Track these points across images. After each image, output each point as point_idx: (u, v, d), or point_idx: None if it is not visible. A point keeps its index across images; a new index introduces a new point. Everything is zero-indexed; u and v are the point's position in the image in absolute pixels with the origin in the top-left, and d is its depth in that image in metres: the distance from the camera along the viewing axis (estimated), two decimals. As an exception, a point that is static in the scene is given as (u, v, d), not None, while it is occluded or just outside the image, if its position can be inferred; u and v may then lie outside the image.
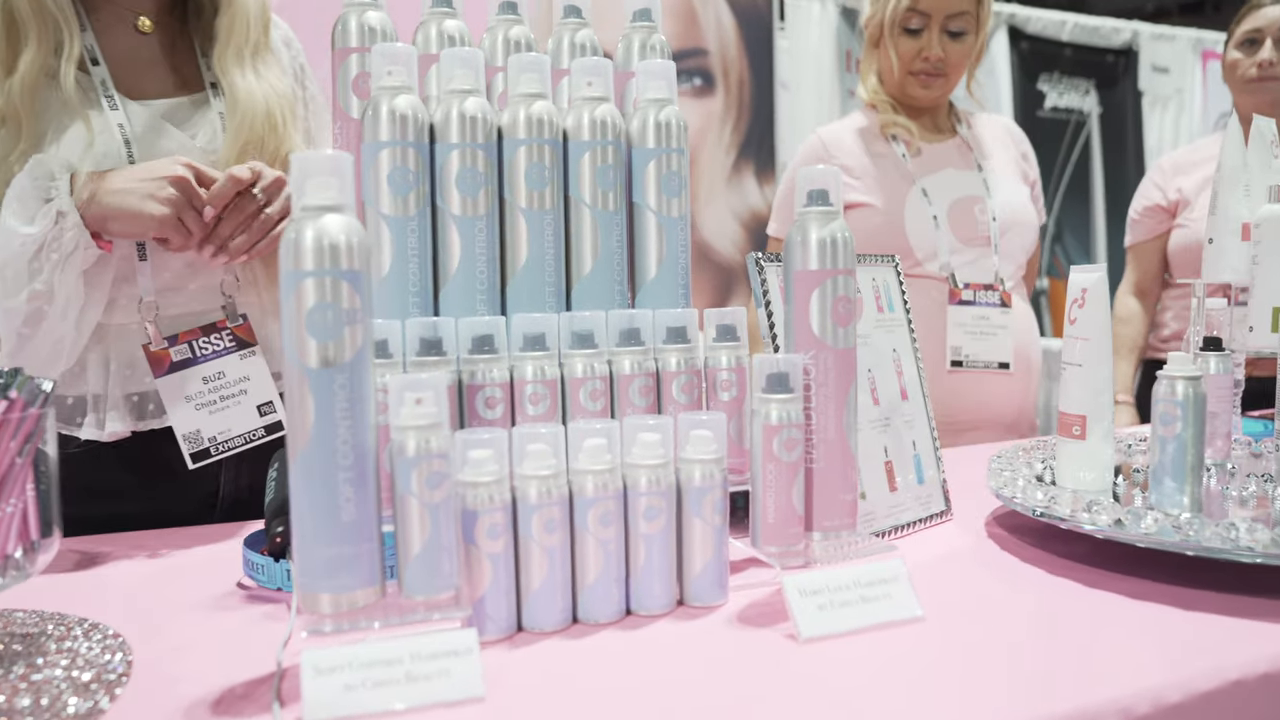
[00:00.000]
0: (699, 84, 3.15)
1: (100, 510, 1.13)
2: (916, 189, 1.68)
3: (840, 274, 0.79)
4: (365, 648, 0.63)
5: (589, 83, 0.88)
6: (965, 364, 1.65)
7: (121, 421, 1.13)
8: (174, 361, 1.11)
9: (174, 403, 1.11)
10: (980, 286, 1.66)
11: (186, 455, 1.11)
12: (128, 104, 1.11)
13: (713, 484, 0.77)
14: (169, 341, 1.11)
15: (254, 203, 1.05)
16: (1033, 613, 0.78)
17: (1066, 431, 0.97)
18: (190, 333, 1.13)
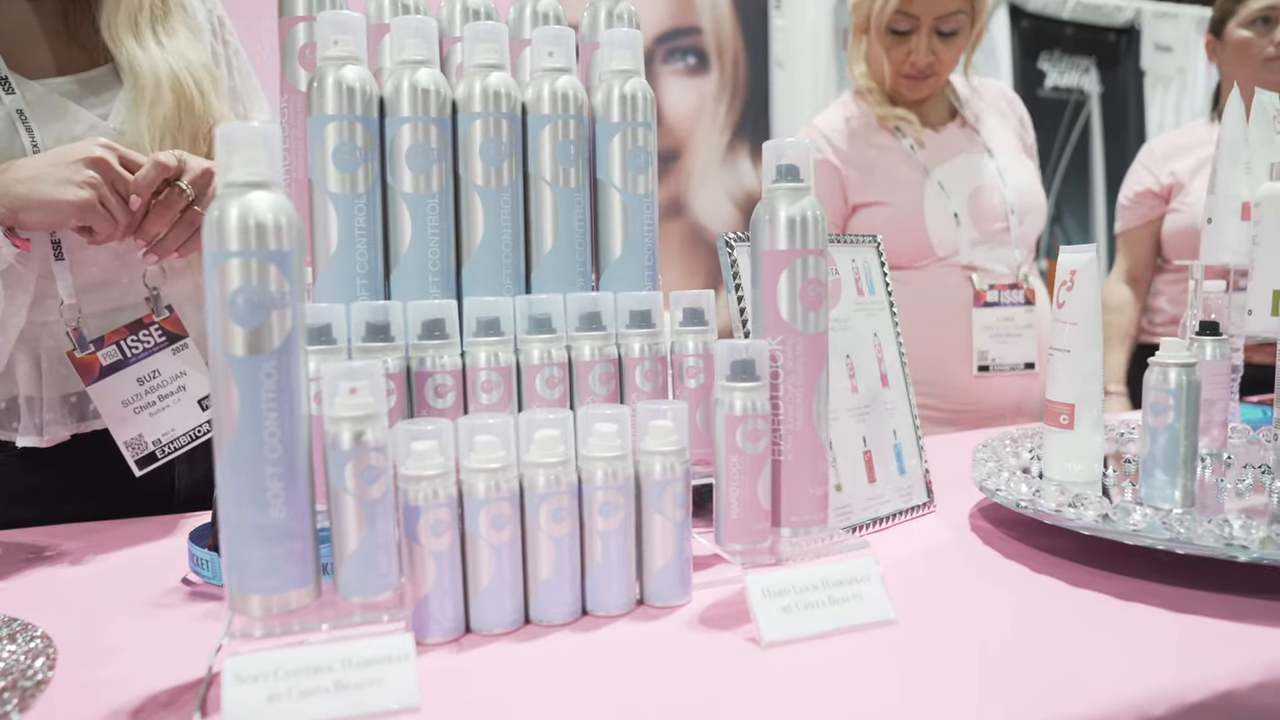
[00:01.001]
0: (693, 63, 3.09)
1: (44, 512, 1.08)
2: (932, 183, 1.62)
3: (811, 254, 0.74)
4: (293, 654, 0.59)
5: (550, 53, 0.83)
6: (992, 368, 1.61)
7: (62, 425, 1.08)
8: (104, 366, 1.04)
9: (111, 410, 1.04)
10: (1005, 286, 1.61)
11: (132, 463, 1.04)
12: (24, 84, 1.02)
13: (674, 477, 0.73)
14: (95, 345, 1.04)
15: (182, 198, 0.97)
16: (1013, 614, 0.74)
17: (1054, 421, 0.92)
18: (117, 332, 1.06)
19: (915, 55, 1.58)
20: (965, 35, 1.60)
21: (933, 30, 1.56)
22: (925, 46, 1.57)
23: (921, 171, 1.63)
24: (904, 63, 1.60)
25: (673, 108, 3.07)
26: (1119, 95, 3.71)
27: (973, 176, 1.64)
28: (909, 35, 1.58)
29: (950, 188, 1.63)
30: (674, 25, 3.06)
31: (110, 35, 1.03)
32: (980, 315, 1.60)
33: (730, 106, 3.14)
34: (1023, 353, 1.61)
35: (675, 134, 3.08)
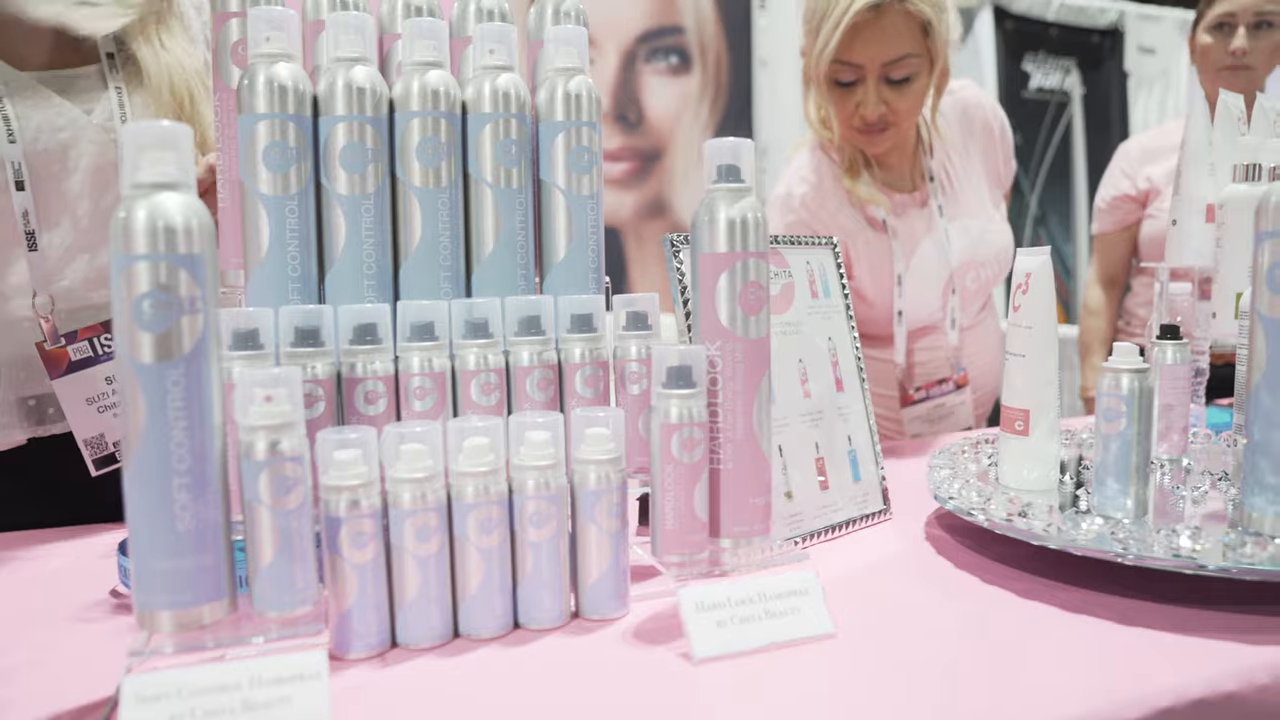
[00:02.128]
0: (675, 62, 3.07)
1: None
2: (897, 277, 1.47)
3: (751, 257, 0.72)
4: (197, 672, 0.57)
5: (491, 50, 0.81)
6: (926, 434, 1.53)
7: (19, 428, 1.06)
8: (73, 361, 1.03)
9: (74, 406, 1.02)
10: (933, 384, 1.52)
11: (89, 462, 1.03)
12: (10, 73, 1.02)
13: (609, 487, 0.71)
14: (67, 339, 1.03)
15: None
16: (958, 627, 0.72)
17: (1009, 427, 0.91)
18: (91, 328, 1.04)
19: (864, 108, 1.36)
20: (922, 79, 1.37)
21: (881, 79, 1.35)
22: (874, 98, 1.35)
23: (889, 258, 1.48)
24: (853, 116, 1.38)
25: (655, 107, 3.05)
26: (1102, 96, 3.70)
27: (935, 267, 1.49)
28: (854, 86, 1.36)
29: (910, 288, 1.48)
30: (656, 24, 3.04)
31: (125, 32, 1.05)
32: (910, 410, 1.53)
33: (713, 106, 3.13)
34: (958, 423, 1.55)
35: (658, 133, 3.06)
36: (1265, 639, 0.67)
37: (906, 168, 1.52)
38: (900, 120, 1.39)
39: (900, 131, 1.41)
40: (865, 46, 1.32)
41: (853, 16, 1.30)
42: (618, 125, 3.00)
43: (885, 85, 1.35)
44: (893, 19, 1.31)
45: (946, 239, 1.49)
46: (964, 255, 1.50)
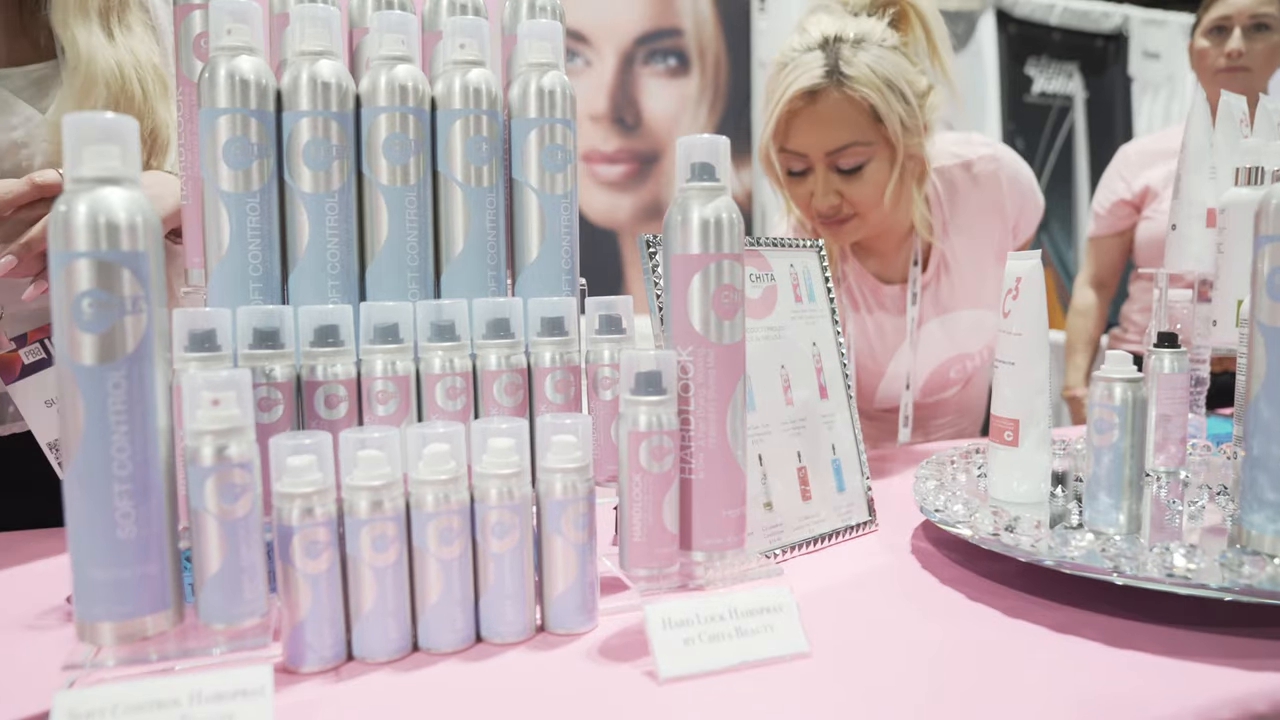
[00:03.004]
0: (674, 64, 3.05)
1: None
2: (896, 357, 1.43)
3: (725, 259, 0.70)
4: (135, 687, 0.55)
5: (462, 45, 0.78)
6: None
7: None
8: (25, 365, 1.00)
9: (32, 410, 0.99)
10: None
11: (56, 466, 1.01)
12: None
13: (575, 496, 0.68)
14: (17, 343, 1.00)
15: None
16: (939, 648, 0.69)
17: (998, 437, 0.88)
18: (41, 330, 1.01)
19: (815, 199, 1.25)
20: (879, 167, 1.23)
21: (830, 168, 1.22)
22: (824, 188, 1.23)
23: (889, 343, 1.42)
24: (809, 207, 1.27)
25: (653, 110, 3.03)
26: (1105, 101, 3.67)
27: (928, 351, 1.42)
28: (805, 175, 1.25)
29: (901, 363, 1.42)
30: (655, 26, 3.02)
31: (60, 21, 1.01)
32: None
33: (712, 108, 3.10)
34: None
35: (656, 136, 3.04)
36: (1264, 664, 0.64)
37: (898, 257, 1.39)
38: (862, 211, 1.25)
39: (867, 222, 1.27)
40: (804, 134, 1.21)
41: (786, 104, 1.20)
42: (616, 127, 2.98)
43: (836, 174, 1.23)
44: (831, 105, 1.19)
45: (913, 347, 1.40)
46: (950, 350, 1.42)
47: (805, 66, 1.20)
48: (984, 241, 1.39)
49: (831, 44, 1.21)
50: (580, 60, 2.91)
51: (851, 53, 1.19)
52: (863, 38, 1.21)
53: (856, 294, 1.40)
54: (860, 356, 1.41)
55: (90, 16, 1.01)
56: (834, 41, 1.21)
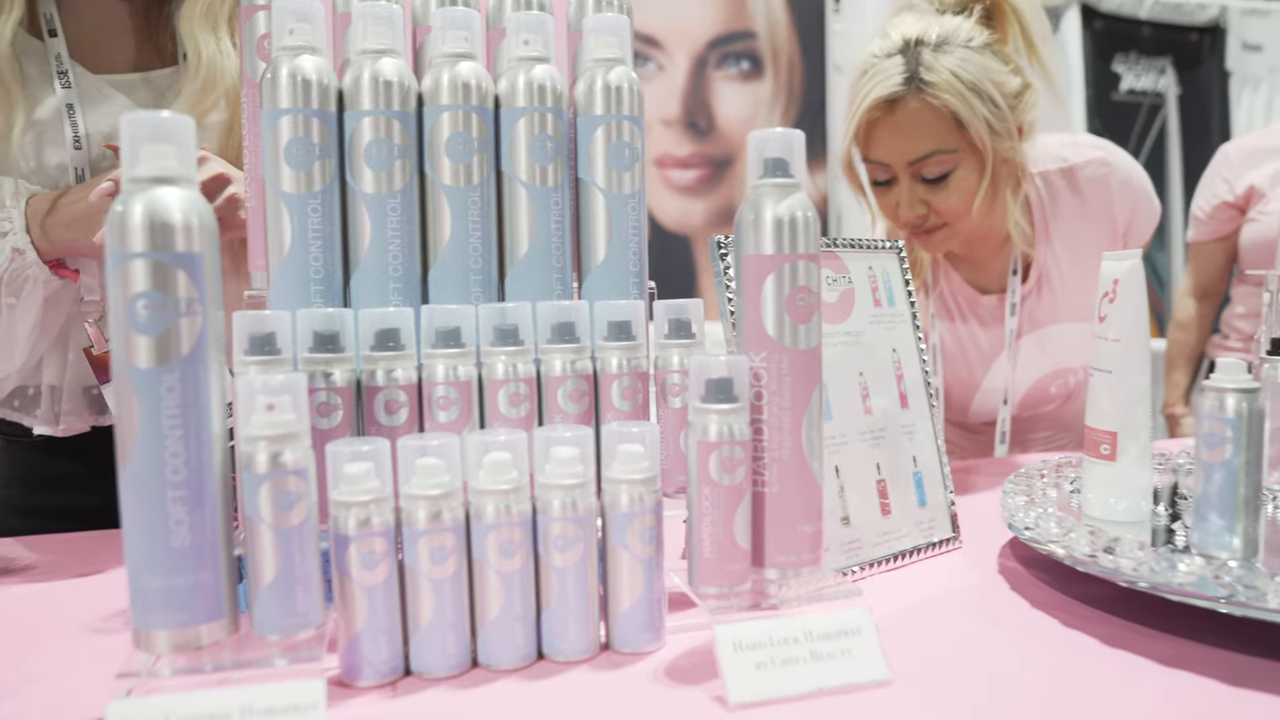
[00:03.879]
0: (746, 68, 3.01)
1: (62, 503, 1.09)
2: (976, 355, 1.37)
3: (800, 259, 0.66)
4: (186, 699, 0.53)
5: (526, 40, 0.76)
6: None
7: (78, 417, 1.08)
8: None
9: None
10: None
11: None
12: (84, 78, 1.03)
13: (642, 509, 0.65)
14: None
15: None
16: (1033, 679, 0.64)
17: (1094, 451, 0.82)
18: None
19: (900, 210, 1.21)
20: (967, 175, 1.18)
21: (914, 178, 1.19)
22: (909, 199, 1.19)
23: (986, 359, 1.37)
24: (895, 217, 1.23)
25: (726, 114, 2.99)
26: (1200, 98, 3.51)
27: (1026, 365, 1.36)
28: (890, 185, 1.21)
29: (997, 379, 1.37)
30: (728, 29, 2.98)
31: (186, 30, 1.04)
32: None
33: (785, 113, 3.05)
34: None
35: (728, 141, 3.00)
36: (1398, 704, 0.58)
37: (995, 265, 1.33)
38: (950, 220, 1.20)
39: (957, 232, 1.22)
40: (885, 144, 1.17)
41: (865, 113, 1.16)
42: (688, 132, 2.94)
43: (920, 184, 1.18)
44: (911, 113, 1.14)
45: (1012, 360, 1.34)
46: (1051, 364, 1.35)
47: (884, 73, 1.16)
48: (1090, 251, 1.29)
49: (912, 48, 1.15)
50: (652, 64, 2.89)
51: (933, 57, 1.14)
52: (946, 39, 1.15)
53: (951, 303, 1.35)
54: (954, 369, 1.36)
55: (219, 25, 1.04)
56: (914, 45, 1.15)
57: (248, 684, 0.55)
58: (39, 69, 1.01)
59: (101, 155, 1.02)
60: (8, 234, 0.95)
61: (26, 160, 1.00)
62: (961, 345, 1.35)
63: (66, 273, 0.99)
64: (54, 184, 1.01)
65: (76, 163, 1.01)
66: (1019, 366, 1.34)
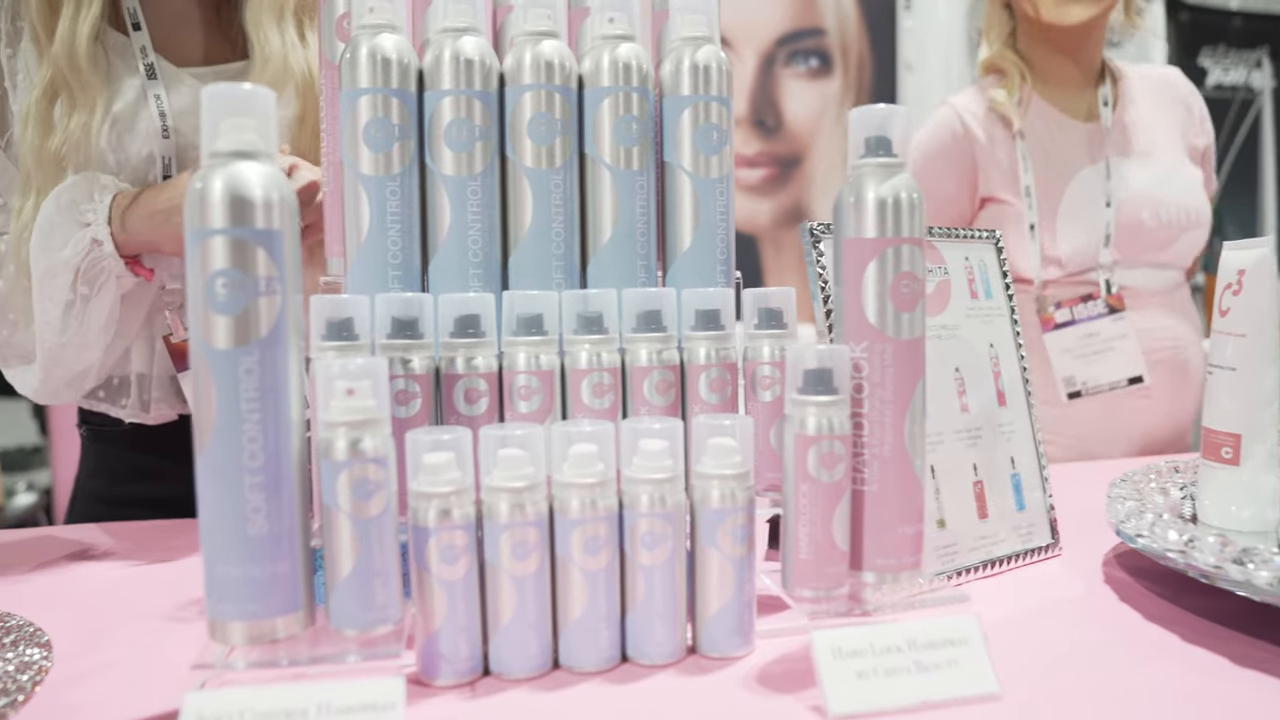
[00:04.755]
0: (815, 65, 2.95)
1: (146, 492, 1.11)
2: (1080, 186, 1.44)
3: (904, 243, 0.62)
4: (264, 693, 0.51)
5: (611, 19, 0.73)
6: (1085, 392, 1.42)
7: (168, 404, 1.08)
8: None
9: None
10: (1075, 301, 1.41)
11: None
12: (168, 71, 1.04)
13: (735, 506, 0.61)
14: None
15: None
16: (1154, 696, 0.59)
17: (1214, 454, 0.76)
18: None
19: None
20: None
21: None
22: None
23: (1068, 170, 1.44)
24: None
25: (794, 112, 2.94)
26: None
27: (1120, 186, 1.44)
28: None
29: (1094, 195, 1.43)
30: (797, 26, 2.94)
31: (253, 24, 1.04)
32: (1055, 340, 1.41)
33: (855, 111, 2.99)
34: (1122, 368, 1.41)
35: (797, 139, 2.95)
36: None
37: (1082, 92, 1.49)
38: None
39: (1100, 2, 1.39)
40: None
41: None
42: (756, 130, 2.90)
43: None
44: None
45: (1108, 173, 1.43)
46: (1142, 190, 1.44)
47: None
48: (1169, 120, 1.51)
49: None
50: (719, 63, 2.85)
51: None
52: None
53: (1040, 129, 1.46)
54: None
55: (285, 19, 1.04)
56: None
57: (324, 680, 0.52)
58: (124, 62, 1.02)
59: (189, 144, 1.02)
60: (90, 225, 0.95)
61: (115, 151, 1.00)
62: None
63: (143, 271, 0.99)
64: (142, 175, 1.01)
65: (164, 151, 1.01)
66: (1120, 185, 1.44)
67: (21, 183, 0.99)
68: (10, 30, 1.02)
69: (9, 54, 1.02)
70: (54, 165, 0.97)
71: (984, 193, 1.48)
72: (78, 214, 0.96)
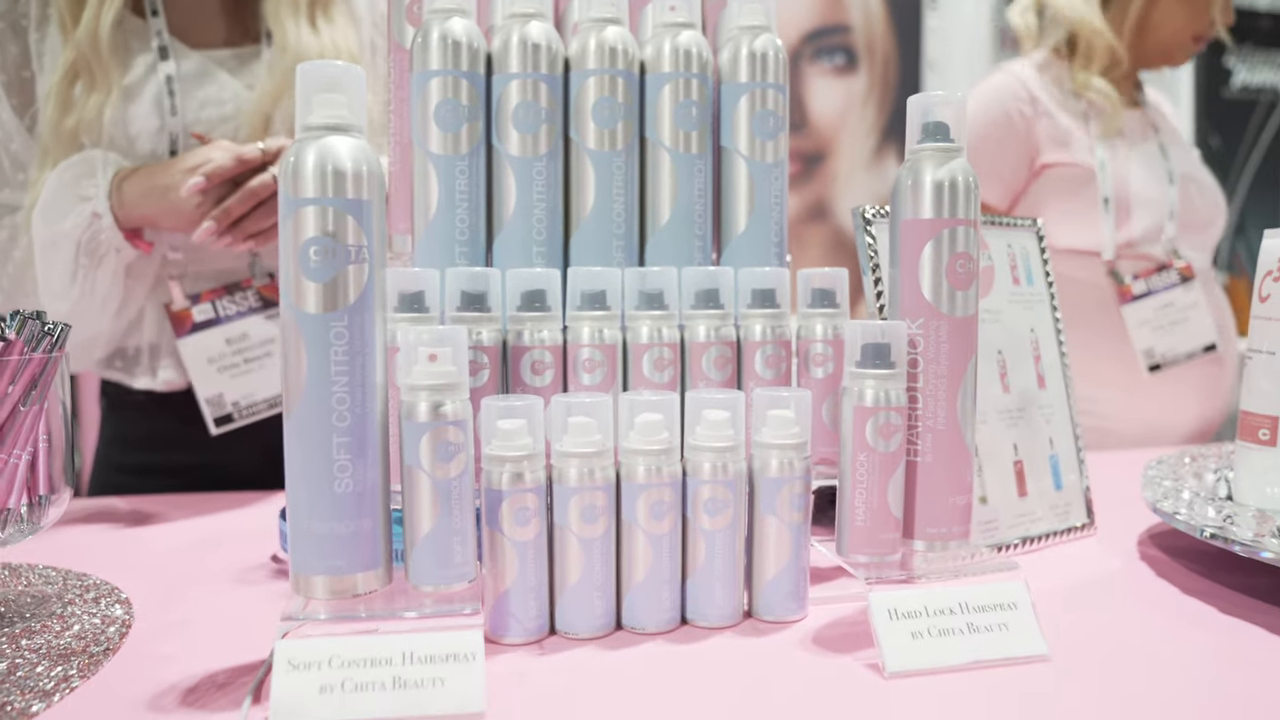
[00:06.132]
0: (841, 62, 2.97)
1: (161, 460, 1.15)
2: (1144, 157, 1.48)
3: (961, 225, 0.64)
4: (350, 643, 0.54)
5: (672, 6, 0.76)
6: (1165, 364, 1.44)
7: (174, 370, 1.11)
8: (196, 322, 1.08)
9: (196, 365, 1.08)
10: (1151, 271, 1.43)
11: (209, 420, 1.07)
12: (181, 52, 1.08)
13: (793, 474, 0.64)
14: (191, 300, 1.07)
15: (265, 187, 0.99)
16: (1196, 661, 0.61)
17: (1251, 436, 0.78)
18: (214, 291, 1.09)
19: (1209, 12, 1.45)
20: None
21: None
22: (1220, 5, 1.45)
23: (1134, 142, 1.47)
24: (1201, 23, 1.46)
25: (819, 108, 2.96)
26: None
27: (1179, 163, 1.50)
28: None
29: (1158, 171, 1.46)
30: (823, 23, 2.95)
31: (271, 12, 1.08)
32: (1133, 311, 1.42)
33: (880, 108, 3.01)
34: (1197, 335, 1.43)
35: (821, 135, 2.96)
36: None
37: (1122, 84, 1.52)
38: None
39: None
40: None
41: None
42: (780, 126, 2.92)
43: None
44: None
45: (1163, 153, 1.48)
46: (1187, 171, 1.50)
47: None
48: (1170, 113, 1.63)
49: None
50: (745, 58, 2.87)
51: None
52: None
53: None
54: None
55: (300, 9, 1.08)
56: None
57: (406, 633, 0.55)
58: (142, 44, 1.06)
59: (195, 121, 1.06)
60: (91, 199, 0.99)
61: (124, 126, 1.04)
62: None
63: (141, 244, 1.03)
64: (150, 151, 1.05)
65: (172, 128, 1.05)
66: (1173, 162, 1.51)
67: (40, 157, 1.04)
68: (39, 15, 1.06)
69: (37, 38, 1.06)
70: (70, 142, 1.02)
71: (1045, 159, 1.46)
72: (79, 189, 1.00)
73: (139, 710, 0.54)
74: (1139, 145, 1.48)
